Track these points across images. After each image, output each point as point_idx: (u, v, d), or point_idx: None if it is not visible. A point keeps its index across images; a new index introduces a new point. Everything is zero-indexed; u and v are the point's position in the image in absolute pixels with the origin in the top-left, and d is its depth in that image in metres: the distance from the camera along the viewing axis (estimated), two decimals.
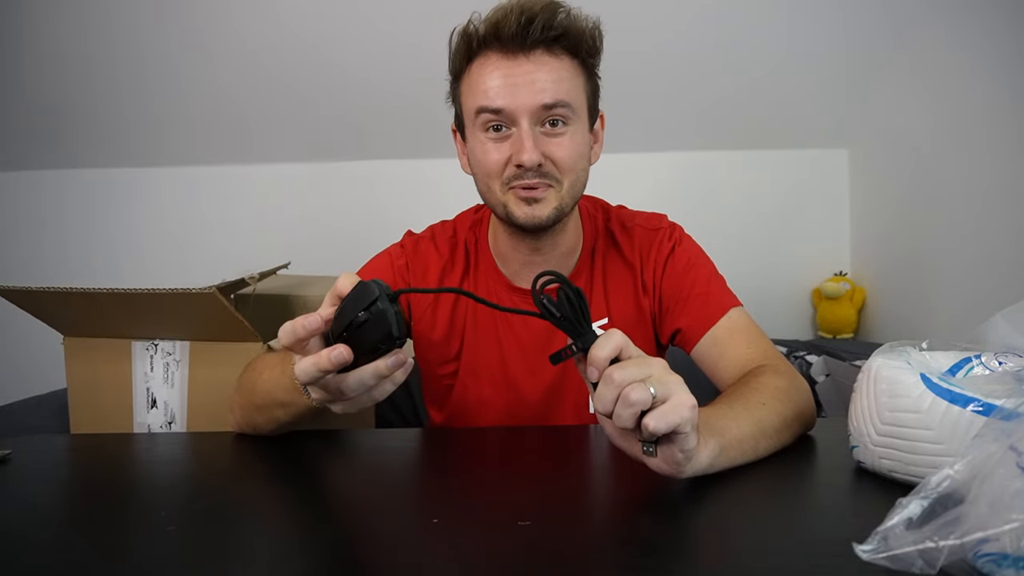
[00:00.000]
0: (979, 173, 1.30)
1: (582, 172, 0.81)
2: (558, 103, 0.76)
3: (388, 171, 1.84)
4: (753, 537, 0.50)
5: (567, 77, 0.78)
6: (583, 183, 0.83)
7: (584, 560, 0.48)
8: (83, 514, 0.60)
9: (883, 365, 0.58)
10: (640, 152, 1.78)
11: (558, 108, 0.77)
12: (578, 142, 0.79)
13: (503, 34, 0.76)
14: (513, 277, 0.89)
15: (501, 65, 0.77)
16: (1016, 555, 0.35)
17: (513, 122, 0.77)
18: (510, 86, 0.76)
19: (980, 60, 1.30)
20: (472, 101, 0.79)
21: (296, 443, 0.80)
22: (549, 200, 0.79)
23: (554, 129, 0.78)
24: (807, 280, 1.81)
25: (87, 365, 0.99)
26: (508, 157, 0.78)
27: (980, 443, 0.40)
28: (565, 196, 0.80)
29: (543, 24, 0.75)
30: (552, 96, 0.76)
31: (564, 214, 0.81)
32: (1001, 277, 1.24)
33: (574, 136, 0.79)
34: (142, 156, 1.86)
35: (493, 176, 0.80)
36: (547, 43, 0.77)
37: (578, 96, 0.79)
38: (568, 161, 0.78)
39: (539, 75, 0.76)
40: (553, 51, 0.77)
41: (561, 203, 0.80)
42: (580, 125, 0.80)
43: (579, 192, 0.83)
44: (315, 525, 0.54)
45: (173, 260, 1.88)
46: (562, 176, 0.79)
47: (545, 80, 0.76)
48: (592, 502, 0.60)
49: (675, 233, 0.92)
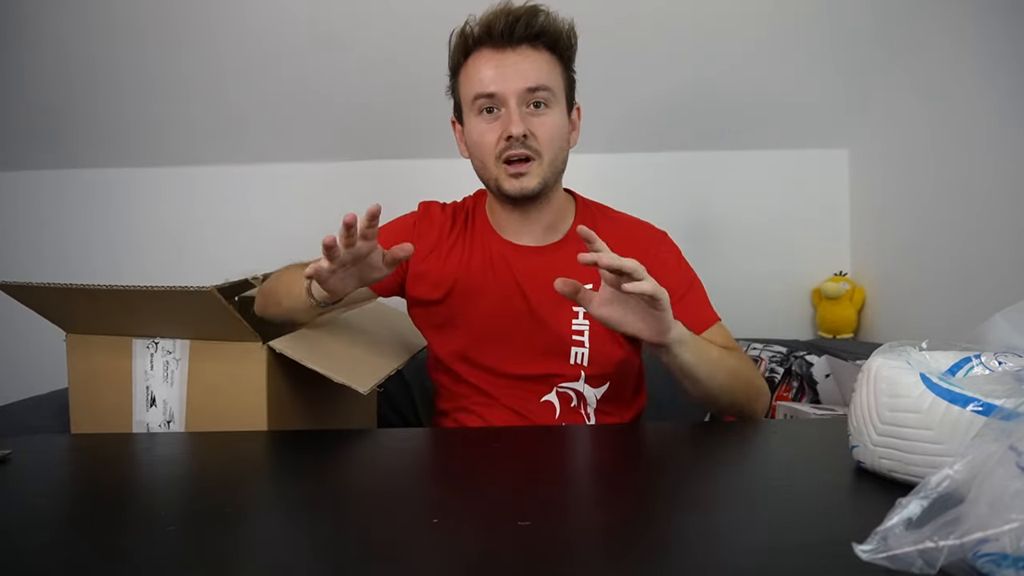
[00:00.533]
0: (979, 173, 1.30)
1: (560, 151, 0.96)
2: (540, 86, 0.93)
3: (391, 171, 1.84)
4: (753, 537, 0.50)
5: (547, 67, 0.94)
6: (562, 160, 0.98)
7: (584, 560, 0.48)
8: (83, 514, 0.60)
9: (883, 365, 0.58)
10: (640, 152, 1.78)
11: (540, 91, 0.93)
12: (557, 123, 0.95)
13: (494, 32, 0.92)
14: (509, 236, 1.04)
15: (493, 58, 0.93)
16: (1016, 555, 0.35)
17: (503, 104, 0.93)
18: (500, 74, 0.92)
19: (980, 60, 1.30)
20: (469, 90, 0.95)
21: (296, 443, 0.80)
22: (534, 173, 0.95)
23: (537, 110, 0.94)
24: (807, 280, 1.80)
25: (88, 362, 0.99)
26: (499, 134, 0.93)
27: (980, 443, 0.40)
28: (547, 169, 0.95)
29: (526, 23, 0.92)
30: (535, 80, 0.92)
31: (548, 186, 0.97)
32: (1001, 277, 1.24)
33: (554, 116, 0.95)
34: (142, 156, 1.86)
35: (487, 152, 0.95)
36: (530, 39, 0.93)
37: (557, 83, 0.95)
38: (548, 137, 0.94)
39: (524, 64, 0.92)
40: (535, 46, 0.94)
41: (544, 176, 0.95)
42: (559, 108, 0.96)
43: (559, 168, 0.98)
44: (315, 525, 0.55)
45: (174, 261, 1.88)
46: (543, 150, 0.94)
47: (529, 68, 0.93)
48: (592, 502, 0.60)
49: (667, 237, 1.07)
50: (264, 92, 1.69)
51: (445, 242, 1.06)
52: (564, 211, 1.05)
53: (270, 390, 0.92)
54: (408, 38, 1.52)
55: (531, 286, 1.00)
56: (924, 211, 1.48)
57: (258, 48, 1.59)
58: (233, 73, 1.64)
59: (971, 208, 1.32)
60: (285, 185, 1.87)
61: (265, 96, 1.70)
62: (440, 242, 1.06)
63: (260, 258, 1.08)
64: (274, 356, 0.92)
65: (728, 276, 0.92)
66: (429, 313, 1.06)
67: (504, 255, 1.03)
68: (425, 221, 1.08)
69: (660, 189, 1.78)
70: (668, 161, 1.81)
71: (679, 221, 0.99)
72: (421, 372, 1.49)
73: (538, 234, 1.03)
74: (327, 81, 1.65)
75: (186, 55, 1.61)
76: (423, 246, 1.06)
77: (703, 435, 0.76)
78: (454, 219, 1.08)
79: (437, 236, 1.06)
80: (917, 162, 1.51)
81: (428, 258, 1.06)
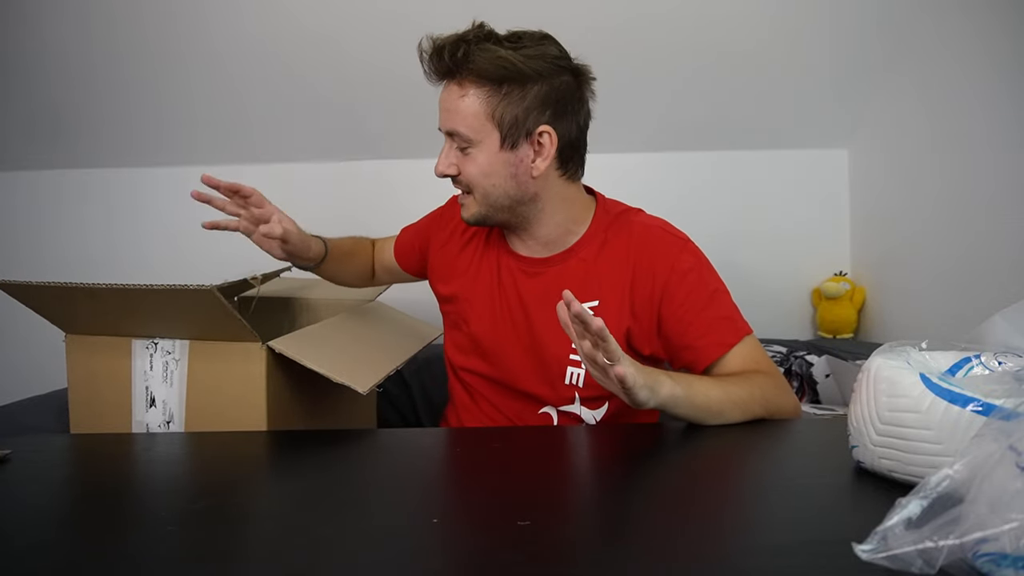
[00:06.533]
0: (979, 173, 1.30)
1: (492, 187, 0.92)
2: (452, 132, 0.91)
3: (394, 171, 1.83)
4: (753, 537, 0.50)
5: (466, 106, 0.88)
6: (503, 194, 0.93)
7: (584, 560, 0.48)
8: (83, 514, 0.60)
9: (883, 365, 0.58)
10: (640, 152, 1.78)
11: (455, 136, 0.90)
12: (480, 162, 0.91)
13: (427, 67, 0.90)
14: (515, 246, 1.02)
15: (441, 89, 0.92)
16: (1015, 555, 0.35)
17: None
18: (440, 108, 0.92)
19: (980, 60, 1.30)
20: None
21: (296, 443, 0.81)
22: (468, 206, 0.95)
23: (461, 150, 0.91)
24: (807, 280, 1.80)
25: (88, 362, 0.99)
26: None
27: (979, 443, 0.40)
28: (481, 204, 0.94)
29: (447, 57, 0.87)
30: (447, 125, 0.91)
31: (489, 218, 0.95)
32: (1001, 277, 1.24)
33: (477, 157, 0.90)
34: (142, 156, 1.85)
35: None
36: (452, 74, 0.89)
37: (475, 123, 0.89)
38: (472, 176, 0.91)
39: (444, 104, 0.91)
40: (459, 82, 0.89)
41: (479, 210, 0.94)
42: (483, 147, 0.90)
43: (498, 201, 0.93)
44: (315, 525, 0.55)
45: (174, 261, 1.88)
46: (472, 188, 0.92)
47: (445, 111, 0.91)
48: (592, 502, 0.60)
49: (688, 245, 0.97)
50: (264, 92, 1.68)
51: (460, 239, 1.07)
52: (572, 223, 0.98)
53: (270, 390, 0.92)
54: (408, 38, 1.51)
55: (533, 302, 0.98)
56: (924, 211, 1.48)
57: (258, 48, 1.59)
58: (233, 73, 1.64)
59: (971, 208, 1.32)
60: (285, 185, 1.86)
61: (265, 96, 1.70)
62: (453, 237, 1.08)
63: (260, 258, 1.08)
64: (274, 356, 0.92)
65: (728, 276, 0.91)
66: (442, 305, 1.10)
67: (510, 267, 1.01)
68: (448, 213, 1.11)
69: (660, 189, 1.77)
70: (668, 161, 1.81)
71: (679, 221, 0.98)
72: (421, 372, 1.49)
73: (539, 249, 1.00)
74: (327, 81, 1.65)
75: (186, 55, 1.61)
76: (440, 237, 1.10)
77: (703, 435, 0.76)
78: None
79: (451, 231, 1.08)
80: (917, 162, 1.51)
81: (442, 250, 1.09)
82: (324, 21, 1.52)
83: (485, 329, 1.01)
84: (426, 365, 1.46)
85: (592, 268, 0.96)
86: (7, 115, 1.74)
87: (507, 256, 1.02)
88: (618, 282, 0.94)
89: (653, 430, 0.91)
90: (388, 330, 1.21)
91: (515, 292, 1.00)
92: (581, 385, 0.95)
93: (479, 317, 1.02)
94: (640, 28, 1.51)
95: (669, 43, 1.55)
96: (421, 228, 1.17)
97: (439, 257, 1.09)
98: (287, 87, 1.67)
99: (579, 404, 0.96)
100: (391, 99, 1.67)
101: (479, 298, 1.02)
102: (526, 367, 0.98)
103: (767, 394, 0.84)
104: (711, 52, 1.57)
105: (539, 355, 0.97)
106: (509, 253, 1.02)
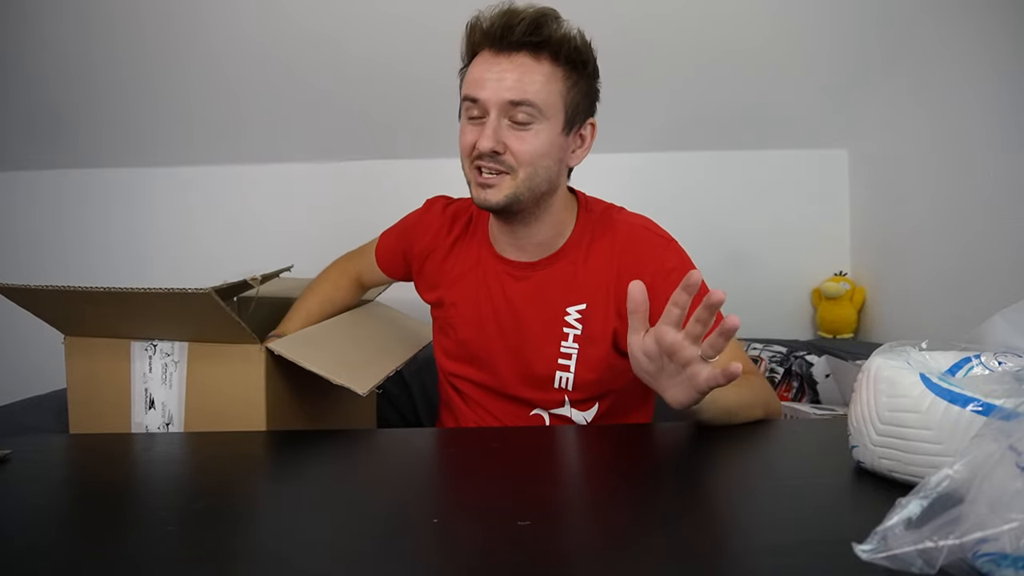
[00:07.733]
0: (979, 173, 1.30)
1: (542, 169, 0.89)
2: (523, 101, 0.85)
3: (394, 171, 1.83)
4: (753, 537, 0.50)
5: (540, 81, 0.86)
6: (545, 180, 0.90)
7: (584, 560, 0.48)
8: (83, 514, 0.60)
9: (883, 365, 0.58)
10: (640, 152, 1.78)
11: (524, 106, 0.85)
12: (542, 140, 0.87)
13: (492, 35, 0.86)
14: (502, 250, 1.00)
15: (489, 61, 0.87)
16: (1015, 555, 0.35)
17: (486, 112, 0.87)
18: (488, 80, 0.86)
19: (980, 61, 1.30)
20: (464, 89, 0.90)
21: (296, 443, 0.80)
22: (502, 188, 0.88)
23: (519, 125, 0.87)
24: (807, 280, 1.80)
25: (87, 365, 0.99)
26: (476, 139, 0.88)
27: (979, 443, 0.40)
28: (520, 186, 0.88)
29: (527, 29, 0.85)
30: (519, 94, 0.85)
31: (519, 202, 0.90)
32: (1001, 277, 1.24)
33: (539, 134, 0.87)
34: (142, 156, 1.85)
35: (465, 155, 0.90)
36: (531, 47, 0.86)
37: (550, 99, 0.87)
38: (525, 155, 0.87)
39: (514, 74, 0.85)
40: (536, 56, 0.86)
41: (515, 191, 0.88)
42: (549, 126, 0.88)
43: (538, 186, 0.90)
44: (314, 525, 0.54)
45: (174, 262, 1.88)
46: (518, 166, 0.87)
47: (518, 79, 0.85)
48: (592, 502, 0.60)
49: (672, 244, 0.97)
50: (263, 93, 1.68)
51: (442, 246, 1.05)
52: (562, 224, 0.98)
53: (269, 392, 0.92)
54: (408, 38, 1.52)
55: (521, 305, 0.97)
56: (924, 211, 1.48)
57: (257, 48, 1.59)
58: (232, 73, 1.64)
59: (971, 208, 1.32)
60: (284, 185, 1.87)
61: (264, 96, 1.69)
62: (436, 246, 1.05)
63: (259, 259, 1.08)
64: (272, 358, 0.92)
65: (728, 275, 0.91)
66: (431, 310, 1.09)
67: (497, 271, 1.00)
68: (425, 221, 1.08)
69: (660, 189, 1.78)
70: (668, 160, 1.81)
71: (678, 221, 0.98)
72: (421, 372, 1.49)
73: (529, 251, 0.98)
74: (326, 81, 1.65)
75: (185, 56, 1.61)
76: (421, 244, 1.07)
77: (702, 435, 0.76)
78: (453, 221, 1.06)
79: (433, 239, 1.06)
80: (917, 162, 1.51)
81: (427, 259, 1.07)
82: (323, 21, 1.52)
83: (473, 334, 1.00)
84: (426, 365, 1.45)
85: (580, 271, 0.95)
86: (7, 115, 1.74)
87: (494, 260, 1.00)
88: (603, 284, 0.94)
89: (651, 430, 0.91)
90: (388, 330, 1.21)
91: (502, 296, 0.99)
92: (571, 388, 0.95)
93: (466, 323, 1.01)
94: (642, 29, 1.51)
95: (670, 43, 1.55)
96: (400, 233, 1.14)
97: (423, 265, 1.08)
98: (286, 87, 1.67)
99: (569, 406, 0.96)
100: (391, 99, 1.67)
101: (466, 303, 1.01)
102: (514, 372, 0.98)
103: (766, 396, 0.86)
104: (711, 52, 1.57)
105: (527, 360, 0.96)
106: (495, 257, 1.00)
